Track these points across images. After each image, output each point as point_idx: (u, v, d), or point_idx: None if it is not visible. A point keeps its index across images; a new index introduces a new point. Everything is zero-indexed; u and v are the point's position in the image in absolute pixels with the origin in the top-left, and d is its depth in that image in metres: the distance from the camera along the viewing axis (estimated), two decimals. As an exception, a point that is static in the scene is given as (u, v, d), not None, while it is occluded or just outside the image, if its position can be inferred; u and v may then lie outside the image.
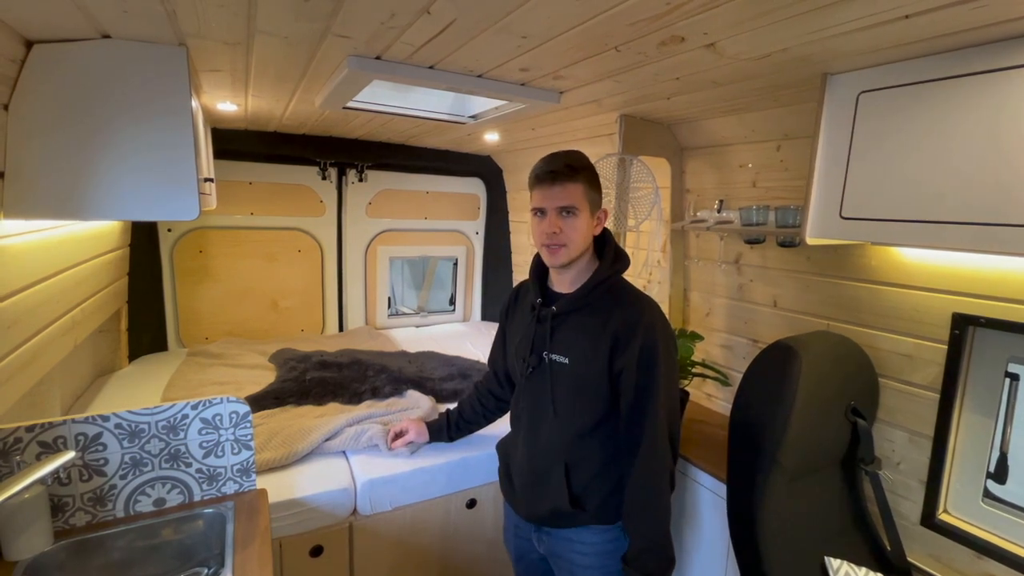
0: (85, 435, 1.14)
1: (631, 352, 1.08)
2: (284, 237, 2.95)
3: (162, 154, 1.20)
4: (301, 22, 1.05)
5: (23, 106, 1.09)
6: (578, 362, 1.14)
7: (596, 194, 1.15)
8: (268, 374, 2.31)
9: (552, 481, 1.18)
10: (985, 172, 0.99)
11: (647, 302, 1.15)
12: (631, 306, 1.12)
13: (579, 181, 1.10)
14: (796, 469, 1.22)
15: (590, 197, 1.12)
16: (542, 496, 1.20)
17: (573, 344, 1.15)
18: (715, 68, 1.24)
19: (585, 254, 1.16)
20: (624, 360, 1.09)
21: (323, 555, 1.54)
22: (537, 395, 1.21)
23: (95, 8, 0.97)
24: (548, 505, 1.18)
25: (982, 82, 0.99)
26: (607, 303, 1.14)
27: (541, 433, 1.21)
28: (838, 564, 1.23)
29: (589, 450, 1.17)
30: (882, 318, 1.44)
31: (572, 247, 1.12)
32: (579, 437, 1.16)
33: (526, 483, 1.24)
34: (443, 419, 1.67)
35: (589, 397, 1.14)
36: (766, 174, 1.77)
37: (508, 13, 0.96)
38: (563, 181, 1.09)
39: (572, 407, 1.16)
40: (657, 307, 1.16)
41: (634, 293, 1.17)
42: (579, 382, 1.14)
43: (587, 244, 1.15)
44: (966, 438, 1.30)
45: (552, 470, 1.18)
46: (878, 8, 0.86)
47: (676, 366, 1.17)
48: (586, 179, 1.11)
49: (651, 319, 1.11)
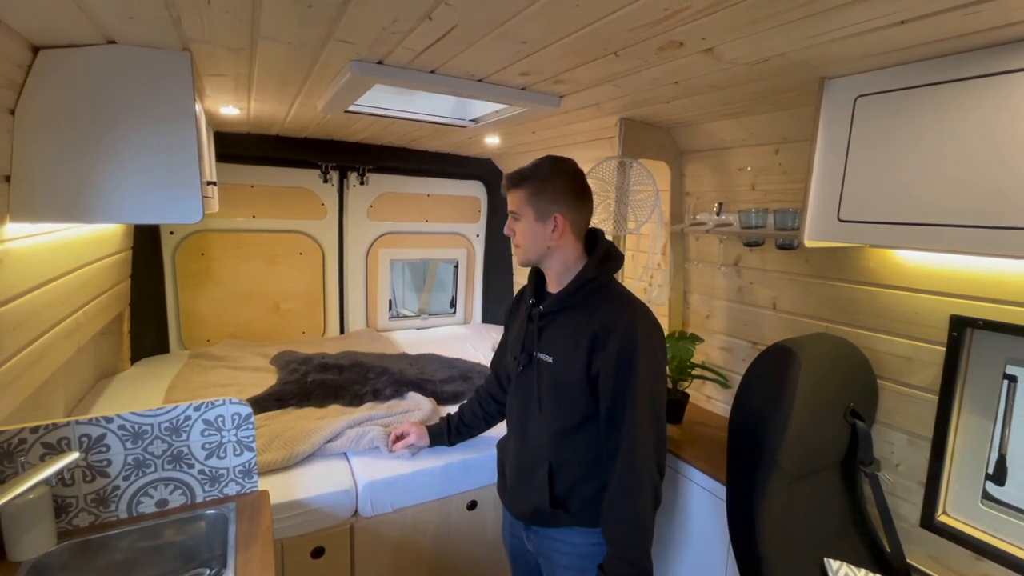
0: (89, 436, 1.14)
1: (608, 354, 1.08)
2: (286, 240, 2.96)
3: (166, 158, 1.21)
4: (304, 27, 1.06)
5: (29, 111, 1.10)
6: (560, 361, 1.16)
7: (541, 200, 1.16)
8: (270, 376, 2.32)
9: (536, 480, 1.20)
10: (982, 175, 1.00)
11: (632, 303, 1.14)
12: (614, 307, 1.13)
13: (521, 188, 1.17)
14: (795, 471, 1.22)
15: (533, 203, 1.17)
16: (527, 494, 1.22)
17: (557, 343, 1.18)
18: (713, 72, 1.25)
19: (556, 255, 1.19)
20: (600, 362, 1.09)
21: (324, 556, 1.55)
22: (526, 393, 1.25)
23: (101, 14, 0.98)
24: (531, 503, 1.21)
25: (978, 86, 1.00)
26: (592, 303, 1.15)
27: (529, 431, 1.24)
28: (837, 566, 1.23)
29: (573, 451, 1.18)
30: (880, 320, 1.45)
31: (523, 248, 1.20)
32: (562, 435, 1.18)
33: (514, 480, 1.28)
34: (444, 423, 1.68)
35: (569, 397, 1.16)
36: (765, 177, 1.78)
37: (508, 19, 0.98)
38: (508, 189, 1.20)
39: (554, 406, 1.18)
40: (644, 308, 1.15)
41: (621, 294, 1.17)
42: (560, 380, 1.16)
43: (540, 247, 1.18)
44: (965, 440, 1.31)
45: (537, 469, 1.20)
46: (874, 14, 0.87)
47: (661, 372, 1.14)
48: (529, 187, 1.17)
49: (631, 320, 1.10)
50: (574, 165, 1.20)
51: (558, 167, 1.18)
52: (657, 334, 1.14)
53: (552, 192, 1.16)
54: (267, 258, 2.91)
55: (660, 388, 1.14)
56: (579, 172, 1.21)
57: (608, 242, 1.24)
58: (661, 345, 1.15)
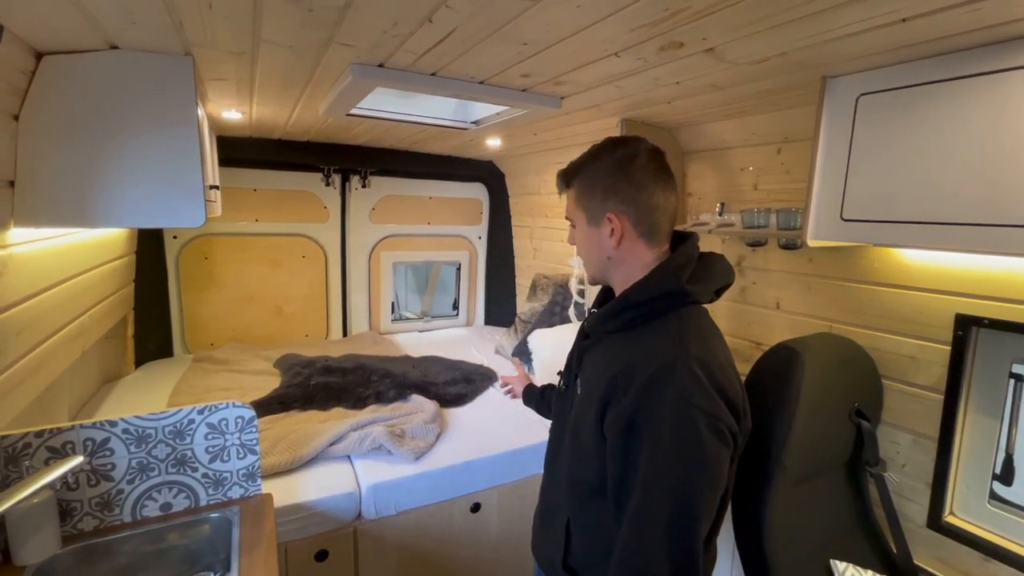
0: (93, 440, 1.15)
1: (618, 412, 0.78)
2: (288, 243, 2.97)
3: (169, 162, 1.22)
4: (306, 31, 1.06)
5: (33, 116, 1.11)
6: (583, 398, 0.90)
7: (592, 198, 0.90)
8: (273, 379, 2.33)
9: (554, 529, 0.97)
10: (986, 173, 0.99)
11: (683, 340, 0.80)
12: (653, 343, 0.82)
13: (571, 187, 0.95)
14: (800, 472, 1.21)
15: (584, 202, 0.92)
16: (545, 540, 1.02)
17: (588, 375, 0.92)
18: (714, 72, 1.25)
19: (618, 268, 0.91)
20: (609, 420, 0.80)
21: (328, 559, 1.54)
22: (560, 418, 1.03)
23: (104, 19, 0.99)
24: (546, 553, 1.00)
25: (981, 84, 0.99)
26: (639, 333, 0.85)
27: (555, 466, 1.01)
28: (844, 567, 1.22)
29: (594, 514, 0.89)
30: (885, 320, 1.44)
31: (584, 262, 0.98)
32: (580, 491, 0.90)
33: (538, 514, 1.08)
34: (540, 388, 1.44)
35: (585, 446, 0.87)
36: (767, 177, 1.77)
37: (509, 20, 0.98)
38: (562, 190, 0.96)
39: (572, 452, 0.92)
40: (702, 351, 0.79)
41: (678, 328, 0.82)
42: (579, 422, 0.89)
43: (599, 259, 0.93)
44: (971, 440, 1.30)
45: (557, 516, 0.97)
46: (876, 12, 0.87)
47: (689, 454, 0.74)
48: (579, 183, 0.93)
49: (669, 364, 0.76)
50: (636, 144, 0.89)
51: (607, 150, 0.90)
52: (701, 392, 0.75)
53: (603, 185, 0.89)
54: (270, 261, 2.92)
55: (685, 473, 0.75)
56: (640, 152, 0.88)
57: (695, 256, 0.89)
58: (711, 409, 0.75)
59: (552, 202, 2.98)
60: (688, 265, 0.87)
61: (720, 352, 0.83)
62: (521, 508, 1.85)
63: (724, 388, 0.78)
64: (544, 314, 2.75)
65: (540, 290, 2.93)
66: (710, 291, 0.88)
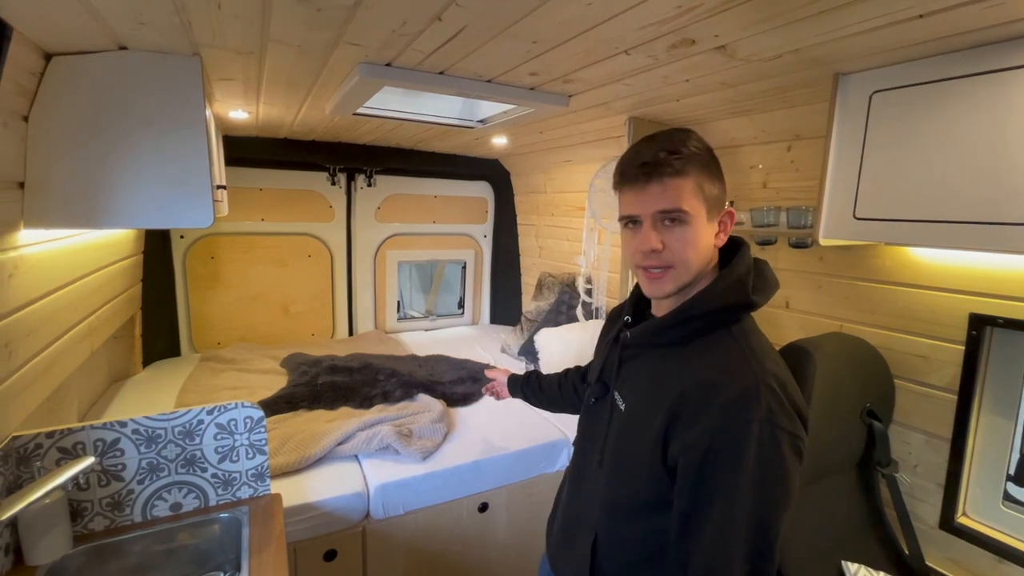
0: (103, 441, 1.15)
1: (695, 435, 0.72)
2: (294, 242, 2.97)
3: (177, 163, 1.22)
4: (314, 31, 1.06)
5: (42, 117, 1.11)
6: (632, 414, 0.83)
7: (715, 187, 0.78)
8: (280, 379, 2.33)
9: (578, 545, 0.90)
10: (1000, 171, 0.98)
11: (760, 356, 0.74)
12: (726, 360, 0.75)
13: (688, 173, 0.75)
14: (812, 472, 1.21)
15: (707, 193, 0.77)
16: (567, 556, 0.95)
17: (635, 387, 0.85)
18: (726, 70, 1.24)
19: (702, 276, 0.81)
20: (683, 443, 0.73)
21: (337, 559, 1.55)
22: (591, 434, 0.95)
23: (112, 20, 0.99)
24: (571, 569, 0.93)
25: (997, 81, 0.98)
26: (700, 347, 0.79)
27: (584, 481, 0.95)
28: (855, 568, 1.21)
29: (628, 533, 0.83)
30: (897, 319, 1.42)
31: (682, 269, 0.78)
32: (617, 510, 0.85)
33: (559, 528, 1.01)
34: (525, 375, 1.43)
35: (631, 467, 0.82)
36: (777, 175, 1.76)
37: (519, 19, 0.97)
38: (662, 176, 0.76)
39: (613, 471, 0.85)
40: (778, 369, 0.75)
41: (746, 343, 0.76)
42: (626, 441, 0.83)
43: (706, 263, 0.80)
44: (985, 440, 1.28)
45: (582, 532, 0.90)
46: (893, 7, 0.85)
47: (774, 477, 0.71)
48: (698, 167, 0.76)
49: (752, 386, 0.71)
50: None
51: (692, 135, 0.80)
52: (789, 416, 0.72)
53: (719, 172, 0.80)
54: (276, 261, 2.93)
55: (777, 499, 0.71)
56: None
57: (755, 260, 0.84)
58: (792, 428, 0.71)
59: (558, 200, 2.97)
60: (750, 275, 0.80)
61: (783, 364, 0.79)
62: (529, 507, 1.85)
63: (796, 403, 0.74)
64: (550, 313, 2.74)
65: (546, 289, 2.93)
66: (767, 301, 0.82)
